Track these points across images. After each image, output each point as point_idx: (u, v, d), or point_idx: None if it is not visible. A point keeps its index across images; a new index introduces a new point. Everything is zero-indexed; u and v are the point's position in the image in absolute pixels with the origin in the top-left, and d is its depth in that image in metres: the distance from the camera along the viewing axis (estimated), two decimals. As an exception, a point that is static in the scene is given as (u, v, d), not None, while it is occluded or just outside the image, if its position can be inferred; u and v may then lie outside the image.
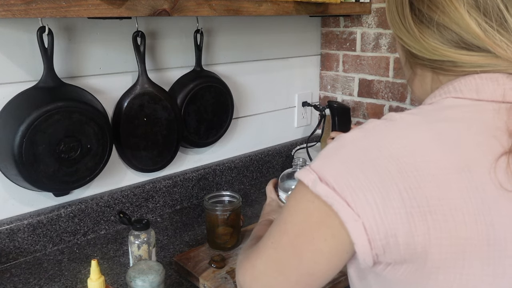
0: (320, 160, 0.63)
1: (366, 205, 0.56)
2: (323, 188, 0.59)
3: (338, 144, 0.63)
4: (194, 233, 1.30)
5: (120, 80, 1.29)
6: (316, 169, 0.61)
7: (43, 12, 0.90)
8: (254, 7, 1.25)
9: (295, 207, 0.64)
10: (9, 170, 1.08)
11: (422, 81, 0.72)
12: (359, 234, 0.57)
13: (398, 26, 0.69)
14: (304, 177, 0.62)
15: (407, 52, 0.70)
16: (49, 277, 1.09)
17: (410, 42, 0.67)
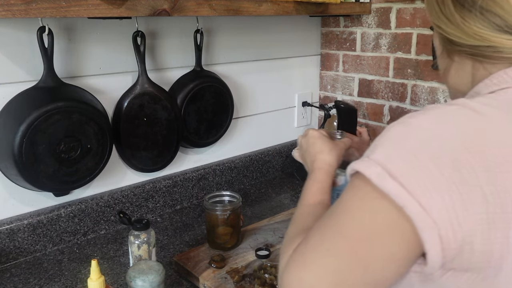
0: (383, 149, 0.54)
1: (442, 209, 0.49)
2: (392, 184, 0.51)
3: (404, 129, 0.55)
4: (194, 233, 1.30)
5: (120, 80, 1.29)
6: (380, 160, 0.53)
7: (43, 12, 0.90)
8: (254, 7, 1.25)
9: (355, 206, 0.55)
10: (9, 170, 1.08)
11: (460, 70, 0.67)
12: (434, 243, 0.50)
13: (436, 14, 0.66)
14: (366, 169, 0.53)
15: (445, 39, 0.66)
16: (49, 277, 1.09)
17: (449, 29, 0.64)
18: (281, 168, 1.78)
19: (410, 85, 1.59)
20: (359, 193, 0.55)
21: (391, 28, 1.60)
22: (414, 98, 1.58)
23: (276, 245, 1.18)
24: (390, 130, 0.56)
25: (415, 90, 1.58)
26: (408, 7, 1.54)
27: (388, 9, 1.60)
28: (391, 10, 1.59)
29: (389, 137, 0.55)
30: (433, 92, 1.53)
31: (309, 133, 0.96)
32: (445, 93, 1.49)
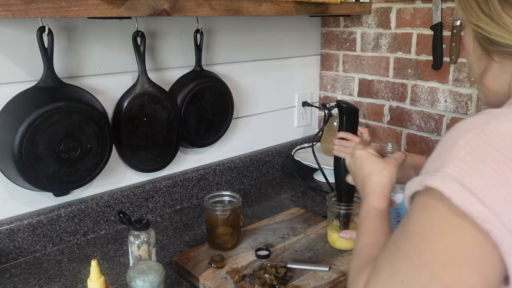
0: (457, 164, 0.49)
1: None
2: (476, 206, 0.46)
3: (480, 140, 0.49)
4: (194, 233, 1.30)
5: (120, 80, 1.29)
6: (455, 176, 0.48)
7: (43, 12, 0.90)
8: (254, 7, 1.25)
9: (431, 230, 0.49)
10: (9, 170, 1.08)
11: (500, 71, 0.65)
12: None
13: (474, 13, 0.63)
14: (443, 185, 0.48)
15: (486, 40, 0.63)
16: (49, 277, 1.09)
17: (492, 29, 0.61)
18: (281, 168, 1.78)
19: (410, 85, 1.59)
20: (434, 214, 0.49)
21: (391, 28, 1.60)
22: (414, 98, 1.58)
23: (276, 245, 1.18)
24: (461, 139, 0.51)
25: (415, 90, 1.58)
26: (408, 7, 1.54)
27: (388, 9, 1.60)
28: (391, 10, 1.59)
29: (463, 148, 0.50)
30: (433, 92, 1.53)
31: (356, 153, 0.89)
32: (445, 93, 1.49)
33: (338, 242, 1.16)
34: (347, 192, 1.17)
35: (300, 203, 1.50)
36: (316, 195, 1.57)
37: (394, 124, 1.66)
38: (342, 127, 1.17)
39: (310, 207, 1.46)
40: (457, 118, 1.48)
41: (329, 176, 1.62)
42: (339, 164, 1.17)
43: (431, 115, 1.55)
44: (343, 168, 1.16)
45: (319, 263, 1.10)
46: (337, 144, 1.15)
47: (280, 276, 1.02)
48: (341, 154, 1.15)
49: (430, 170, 0.51)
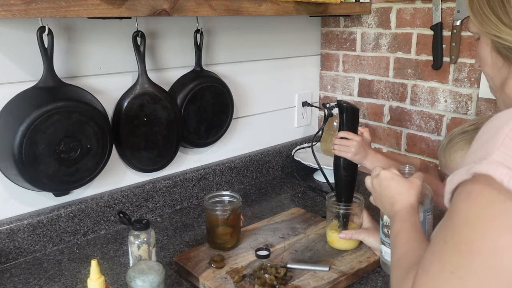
0: (502, 149, 0.50)
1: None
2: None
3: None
4: (194, 233, 1.30)
5: (120, 80, 1.29)
6: (504, 161, 0.48)
7: (43, 12, 0.90)
8: (254, 7, 1.25)
9: (480, 216, 0.49)
10: (9, 170, 1.08)
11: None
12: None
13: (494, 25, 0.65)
14: (493, 170, 0.48)
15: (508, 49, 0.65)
16: (49, 277, 1.09)
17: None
18: (281, 168, 1.78)
19: (410, 85, 1.59)
20: (482, 200, 0.49)
21: (391, 28, 1.60)
22: (414, 98, 1.58)
23: (276, 245, 1.18)
24: (504, 127, 0.51)
25: (415, 90, 1.58)
26: (408, 7, 1.54)
27: (388, 9, 1.60)
28: (391, 10, 1.59)
29: (506, 136, 0.50)
30: (433, 92, 1.53)
31: (380, 174, 0.90)
32: (445, 93, 1.49)
33: (337, 242, 1.16)
34: (346, 192, 1.17)
35: (300, 203, 1.50)
36: (316, 195, 1.57)
37: (394, 124, 1.66)
38: (342, 127, 1.18)
39: (310, 207, 1.46)
40: (457, 118, 1.48)
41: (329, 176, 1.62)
42: (339, 164, 1.17)
43: (431, 115, 1.55)
44: (343, 168, 1.17)
45: (319, 263, 1.10)
46: (338, 143, 1.16)
47: (280, 276, 1.02)
48: (341, 153, 1.15)
49: (475, 159, 0.50)
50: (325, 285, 1.01)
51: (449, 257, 0.51)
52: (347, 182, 1.17)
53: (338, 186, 1.19)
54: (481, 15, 0.67)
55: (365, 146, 1.15)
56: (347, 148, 1.14)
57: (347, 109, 1.16)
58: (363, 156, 1.14)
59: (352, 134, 1.15)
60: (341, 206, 1.16)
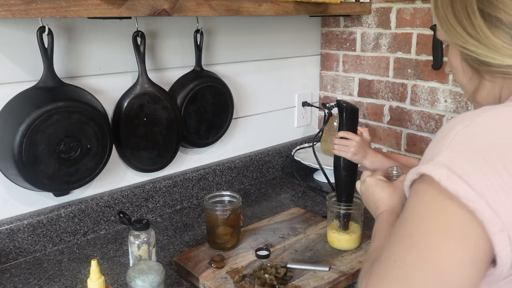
0: (448, 151, 0.53)
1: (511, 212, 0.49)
2: (462, 187, 0.50)
3: (469, 129, 0.54)
4: (194, 233, 1.30)
5: (120, 80, 1.29)
6: (447, 162, 0.51)
7: (43, 12, 0.90)
8: (254, 7, 1.25)
9: (422, 213, 0.53)
10: (9, 170, 1.08)
11: (491, 88, 0.67)
12: (504, 245, 0.50)
13: (460, 36, 0.65)
14: (434, 171, 0.52)
15: (475, 61, 0.65)
16: (49, 277, 1.09)
17: (482, 51, 0.63)
18: (281, 168, 1.78)
19: (410, 85, 1.59)
20: (424, 198, 0.53)
21: (391, 28, 1.60)
22: (414, 98, 1.58)
23: (276, 245, 1.18)
24: (452, 130, 0.54)
25: (415, 90, 1.58)
26: (408, 7, 1.54)
27: (388, 9, 1.60)
28: (391, 10, 1.59)
29: (453, 139, 0.54)
30: (433, 92, 1.53)
31: (366, 180, 0.96)
32: (445, 93, 1.49)
33: (338, 242, 1.16)
34: (346, 192, 1.17)
35: (300, 203, 1.50)
36: (316, 195, 1.57)
37: (394, 124, 1.66)
38: (342, 127, 1.18)
39: (310, 207, 1.46)
40: (457, 118, 1.48)
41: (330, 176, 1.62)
42: (339, 163, 1.17)
43: (431, 115, 1.55)
44: (343, 168, 1.17)
45: (319, 263, 1.10)
46: (338, 143, 1.16)
47: (280, 276, 1.02)
48: (341, 153, 1.15)
49: (425, 160, 0.55)
50: (325, 285, 1.01)
51: (394, 247, 0.55)
52: (347, 182, 1.17)
53: (338, 186, 1.19)
54: (447, 25, 0.67)
55: (364, 146, 1.15)
56: (346, 148, 1.14)
57: (346, 109, 1.16)
58: (363, 156, 1.14)
59: (351, 134, 1.15)
60: (341, 206, 1.16)
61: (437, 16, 0.69)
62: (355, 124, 1.18)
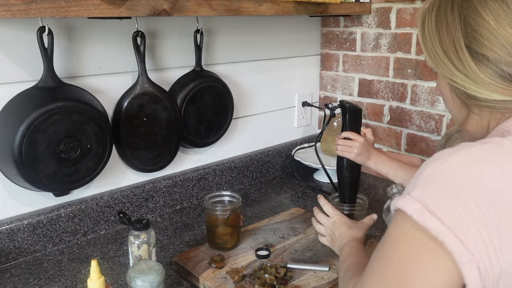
0: (422, 187, 0.58)
1: (481, 244, 0.53)
2: (432, 221, 0.55)
3: (443, 166, 0.58)
4: (194, 233, 1.30)
5: (120, 80, 1.29)
6: (419, 197, 0.57)
7: (43, 12, 0.90)
8: (254, 7, 1.25)
9: (398, 239, 0.60)
10: (9, 170, 1.08)
11: (479, 119, 0.70)
12: (473, 275, 0.54)
13: (448, 69, 0.67)
14: (407, 206, 0.57)
15: (462, 94, 0.68)
16: (49, 277, 1.09)
17: (469, 85, 0.65)
18: (281, 168, 1.78)
19: (410, 85, 1.59)
20: (401, 227, 0.59)
21: (391, 28, 1.60)
22: (414, 98, 1.58)
23: (276, 245, 1.18)
24: (429, 167, 0.59)
25: (415, 90, 1.58)
26: (408, 7, 1.54)
27: (388, 9, 1.60)
28: (391, 10, 1.59)
29: (428, 175, 0.58)
30: (433, 92, 1.53)
31: (335, 220, 1.08)
32: (445, 93, 1.49)
33: (338, 242, 1.16)
34: (350, 193, 1.17)
35: (300, 203, 1.50)
36: (316, 195, 1.57)
37: (394, 124, 1.66)
38: (345, 127, 1.17)
39: (310, 207, 1.46)
40: (457, 118, 1.48)
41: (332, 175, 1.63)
42: (342, 164, 1.17)
43: (431, 115, 1.55)
44: (346, 169, 1.16)
45: (319, 263, 1.10)
46: (341, 144, 1.16)
47: (280, 276, 1.02)
48: (345, 154, 1.15)
49: (405, 192, 0.60)
50: (325, 285, 1.01)
51: (376, 266, 0.63)
52: (351, 183, 1.17)
53: (342, 187, 1.18)
54: (435, 56, 0.69)
55: (368, 147, 1.15)
56: (350, 149, 1.14)
57: (349, 110, 1.15)
58: (367, 157, 1.14)
59: (355, 134, 1.15)
60: (344, 207, 1.16)
61: (424, 46, 0.71)
62: (358, 124, 1.18)
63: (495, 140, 0.61)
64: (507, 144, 0.60)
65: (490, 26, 0.63)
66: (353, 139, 1.14)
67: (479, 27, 0.64)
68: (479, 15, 0.64)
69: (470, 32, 0.64)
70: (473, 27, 0.64)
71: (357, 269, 0.85)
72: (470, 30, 0.64)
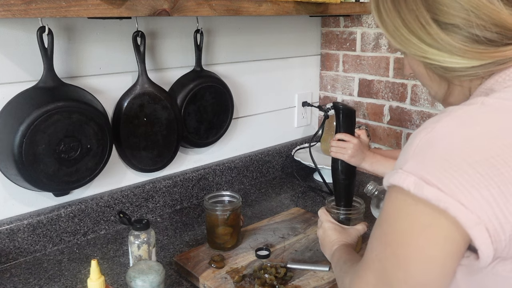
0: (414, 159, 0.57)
1: (485, 205, 0.52)
2: (431, 191, 0.53)
3: (431, 135, 0.57)
4: (194, 233, 1.30)
5: (120, 80, 1.29)
6: (414, 170, 0.56)
7: (43, 12, 0.90)
8: (254, 7, 1.25)
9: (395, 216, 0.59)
10: (9, 170, 1.08)
11: (460, 89, 0.68)
12: (484, 238, 0.52)
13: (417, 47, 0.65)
14: (402, 181, 0.56)
15: (439, 68, 0.66)
16: (49, 277, 1.09)
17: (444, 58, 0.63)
18: (281, 168, 1.78)
19: (410, 85, 1.59)
20: (396, 203, 0.58)
21: (391, 28, 1.60)
22: (414, 98, 1.58)
23: (276, 245, 1.18)
24: (416, 138, 0.58)
25: (415, 90, 1.58)
26: (408, 7, 1.54)
27: (388, 9, 1.60)
28: (391, 10, 1.59)
29: (417, 146, 0.57)
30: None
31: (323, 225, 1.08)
32: (445, 93, 1.49)
33: (338, 242, 1.16)
34: (345, 196, 1.15)
35: (300, 203, 1.50)
36: (316, 195, 1.57)
37: (394, 124, 1.66)
38: (339, 129, 1.16)
39: (310, 207, 1.46)
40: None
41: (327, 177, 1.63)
42: (337, 167, 1.15)
43: (431, 115, 1.55)
44: (341, 171, 1.15)
45: (319, 263, 1.10)
46: (335, 145, 1.15)
47: (280, 276, 1.02)
48: (338, 155, 1.14)
49: (396, 167, 0.59)
50: (325, 285, 1.01)
51: (374, 244, 0.63)
52: (346, 186, 1.15)
53: (337, 190, 1.16)
54: (400, 37, 0.67)
55: (362, 148, 1.13)
56: (343, 150, 1.13)
57: (343, 111, 1.14)
58: (361, 158, 1.13)
59: (348, 136, 1.13)
60: (340, 211, 1.14)
61: (386, 30, 0.68)
62: (352, 126, 1.16)
63: (478, 100, 0.59)
64: (491, 101, 0.58)
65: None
66: (347, 141, 1.13)
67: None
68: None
69: (431, 4, 0.62)
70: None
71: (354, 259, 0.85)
72: (432, 2, 0.62)
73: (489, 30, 0.60)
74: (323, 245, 1.06)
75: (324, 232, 1.07)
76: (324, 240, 1.06)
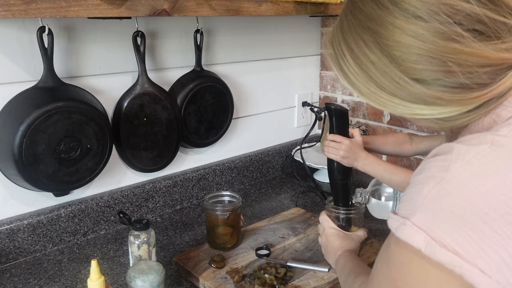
0: (423, 212, 0.52)
1: (504, 267, 0.48)
2: (445, 254, 0.49)
3: (440, 188, 0.52)
4: (194, 233, 1.30)
5: (120, 80, 1.29)
6: (423, 225, 0.51)
7: (43, 12, 0.90)
8: (254, 7, 1.25)
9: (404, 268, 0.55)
10: (9, 170, 1.08)
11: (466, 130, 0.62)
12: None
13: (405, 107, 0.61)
14: (411, 238, 0.52)
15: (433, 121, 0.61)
16: (49, 277, 1.09)
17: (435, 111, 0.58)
18: (281, 168, 1.78)
19: (410, 85, 1.59)
20: (407, 256, 0.54)
21: (391, 28, 1.60)
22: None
23: (276, 245, 1.18)
24: (425, 188, 0.53)
25: (415, 90, 1.57)
26: (408, 7, 1.54)
27: (388, 9, 1.60)
28: (391, 10, 1.59)
29: (426, 197, 0.52)
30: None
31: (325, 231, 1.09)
32: (445, 93, 1.49)
33: (338, 242, 1.16)
34: (342, 196, 1.16)
35: (300, 203, 1.50)
36: (316, 195, 1.57)
37: (394, 124, 1.66)
38: (332, 129, 1.16)
39: (310, 207, 1.46)
40: (457, 118, 1.48)
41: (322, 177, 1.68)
42: (333, 167, 1.15)
43: (431, 115, 1.55)
44: (337, 172, 1.15)
45: (319, 263, 1.10)
46: (328, 146, 1.15)
47: (280, 276, 1.02)
48: (331, 156, 1.14)
49: (403, 213, 0.55)
50: (325, 285, 1.01)
51: (381, 282, 0.59)
52: (343, 186, 1.15)
53: (334, 190, 1.17)
54: (380, 100, 0.63)
55: (355, 149, 1.12)
56: (336, 151, 1.12)
57: (335, 112, 1.13)
58: (354, 159, 1.11)
59: (340, 137, 1.13)
60: (340, 211, 1.14)
61: (359, 93, 0.64)
62: (345, 126, 1.16)
63: (486, 138, 0.53)
64: (502, 142, 0.52)
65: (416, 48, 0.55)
66: (338, 142, 1.13)
67: (407, 54, 0.56)
68: (399, 42, 0.56)
69: (402, 63, 0.56)
70: (401, 57, 0.56)
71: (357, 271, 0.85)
72: (401, 61, 0.56)
73: (476, 74, 0.55)
74: (327, 252, 1.07)
75: (327, 238, 1.07)
76: (327, 247, 1.06)
